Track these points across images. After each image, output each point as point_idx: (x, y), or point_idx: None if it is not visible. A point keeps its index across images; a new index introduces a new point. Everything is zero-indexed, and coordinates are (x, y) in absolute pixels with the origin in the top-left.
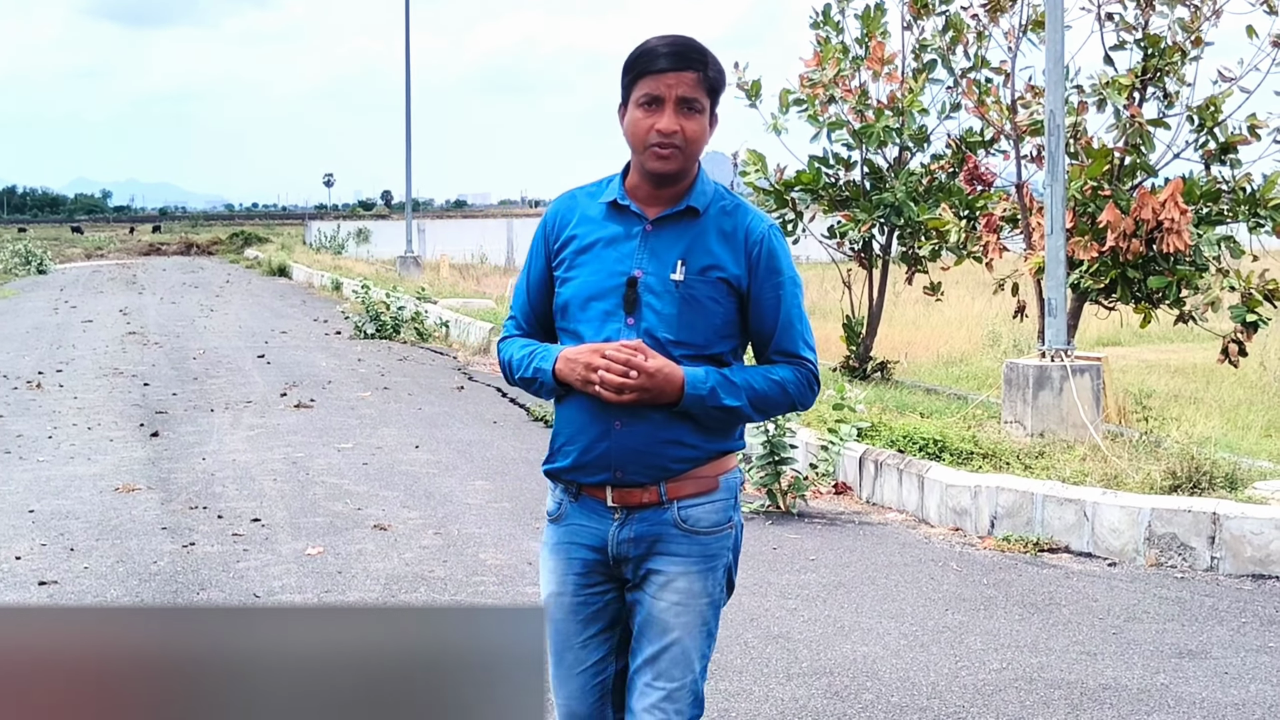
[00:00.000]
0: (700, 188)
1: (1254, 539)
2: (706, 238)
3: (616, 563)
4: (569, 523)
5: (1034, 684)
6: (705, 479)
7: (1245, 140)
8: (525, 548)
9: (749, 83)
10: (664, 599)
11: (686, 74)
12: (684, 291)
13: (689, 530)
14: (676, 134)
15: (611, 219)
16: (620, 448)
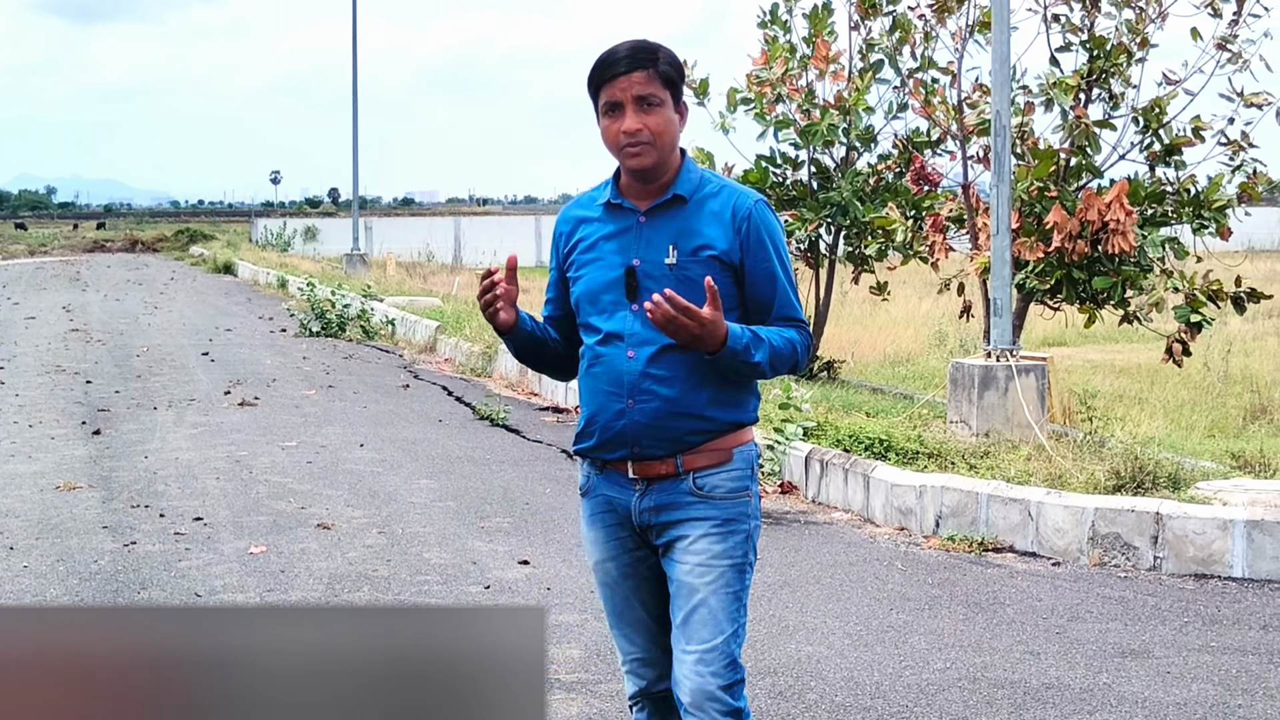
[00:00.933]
0: (685, 176)
1: (1196, 539)
2: (695, 220)
3: (641, 530)
4: (597, 494)
5: (977, 683)
6: (720, 451)
7: (1189, 142)
8: (469, 546)
9: (697, 81)
10: (687, 561)
11: (636, 74)
12: (678, 273)
13: (705, 496)
14: (641, 131)
15: (609, 218)
16: (635, 425)
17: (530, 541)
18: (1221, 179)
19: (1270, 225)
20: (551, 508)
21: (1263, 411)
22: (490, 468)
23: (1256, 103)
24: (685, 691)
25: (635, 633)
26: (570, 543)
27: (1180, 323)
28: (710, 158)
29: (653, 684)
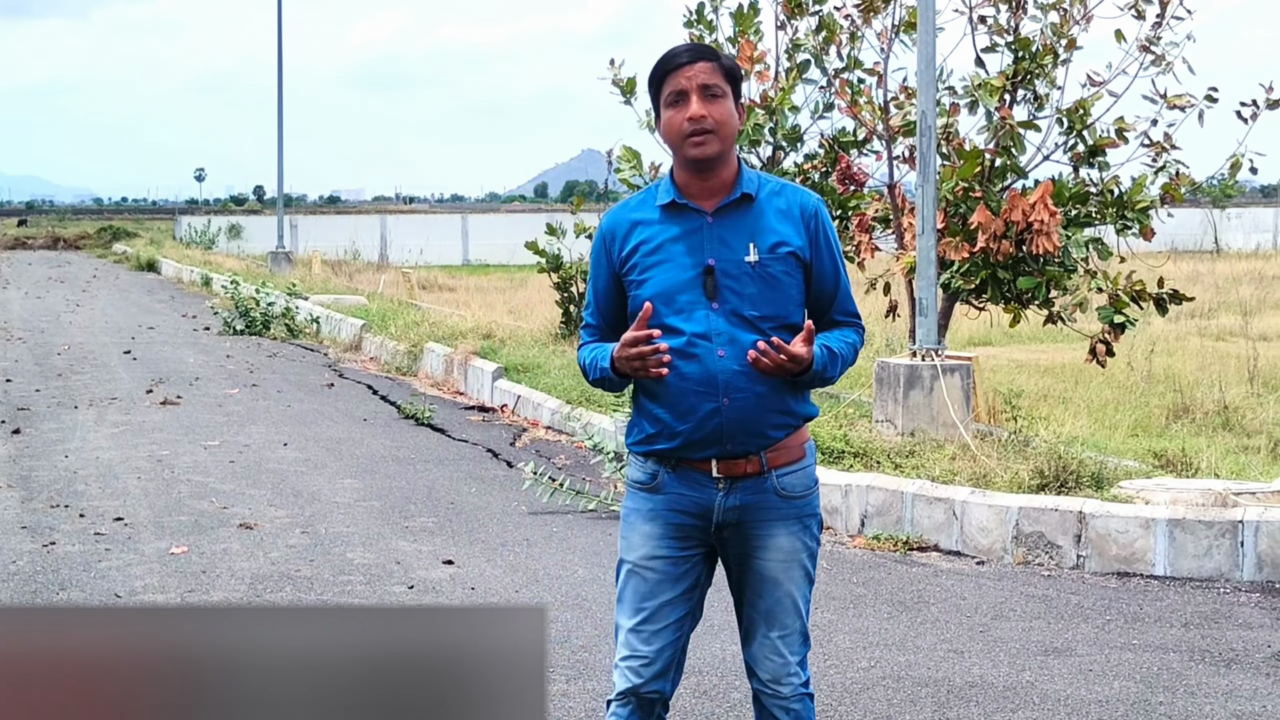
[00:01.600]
0: (746, 175)
1: (1119, 537)
2: (767, 218)
3: (718, 528)
4: (668, 491)
5: (901, 682)
6: (794, 448)
7: (1113, 143)
8: (393, 546)
9: (624, 80)
10: (770, 559)
11: (701, 64)
12: (760, 270)
13: (786, 496)
14: (706, 118)
15: (671, 219)
16: (730, 422)
17: (455, 541)
18: (1144, 180)
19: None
20: (476, 507)
21: (1185, 411)
22: (415, 467)
23: (1179, 104)
24: (767, 670)
25: (658, 635)
26: (494, 542)
27: (1104, 323)
28: (638, 156)
29: (646, 684)
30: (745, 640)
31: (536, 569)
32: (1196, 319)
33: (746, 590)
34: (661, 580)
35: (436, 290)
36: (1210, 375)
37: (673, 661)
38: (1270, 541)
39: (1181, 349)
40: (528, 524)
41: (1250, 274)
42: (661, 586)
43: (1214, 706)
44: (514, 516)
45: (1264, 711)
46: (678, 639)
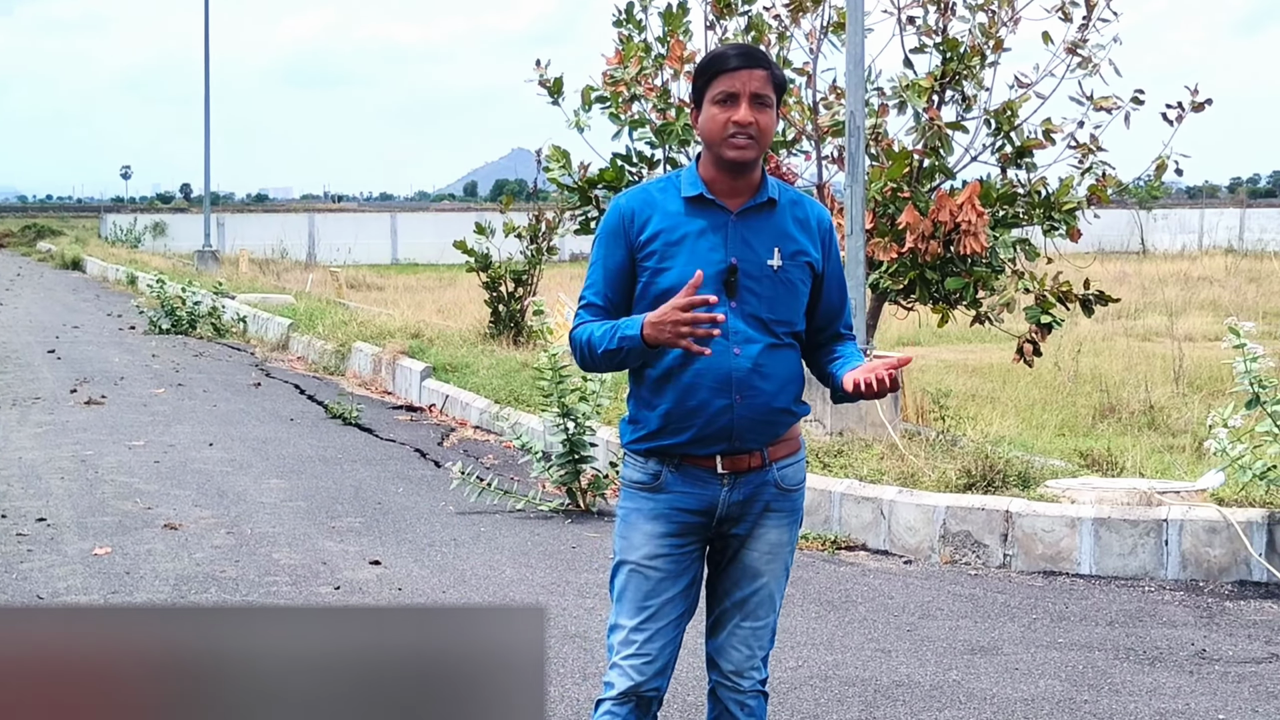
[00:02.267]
0: (770, 181)
1: (1045, 536)
2: (787, 225)
3: (721, 522)
4: (671, 490)
5: (829, 681)
6: (792, 440)
7: (1040, 144)
8: (320, 547)
9: (551, 79)
10: (758, 550)
11: (757, 71)
12: (781, 275)
13: (784, 489)
14: (752, 125)
15: (695, 212)
16: (741, 419)
17: (382, 541)
18: (1071, 181)
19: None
20: (404, 507)
21: (1111, 411)
22: (342, 467)
23: (1106, 106)
24: (731, 661)
25: (661, 633)
26: (422, 542)
27: (1031, 323)
28: (566, 156)
29: (648, 681)
30: (713, 630)
31: (464, 569)
32: (1123, 320)
33: (725, 580)
34: (664, 579)
35: (365, 289)
36: (1136, 375)
37: (671, 660)
38: (1194, 540)
39: (1108, 349)
40: (455, 524)
41: (1176, 275)
42: (664, 585)
43: (1138, 704)
44: (441, 516)
45: (1187, 709)
46: (677, 636)
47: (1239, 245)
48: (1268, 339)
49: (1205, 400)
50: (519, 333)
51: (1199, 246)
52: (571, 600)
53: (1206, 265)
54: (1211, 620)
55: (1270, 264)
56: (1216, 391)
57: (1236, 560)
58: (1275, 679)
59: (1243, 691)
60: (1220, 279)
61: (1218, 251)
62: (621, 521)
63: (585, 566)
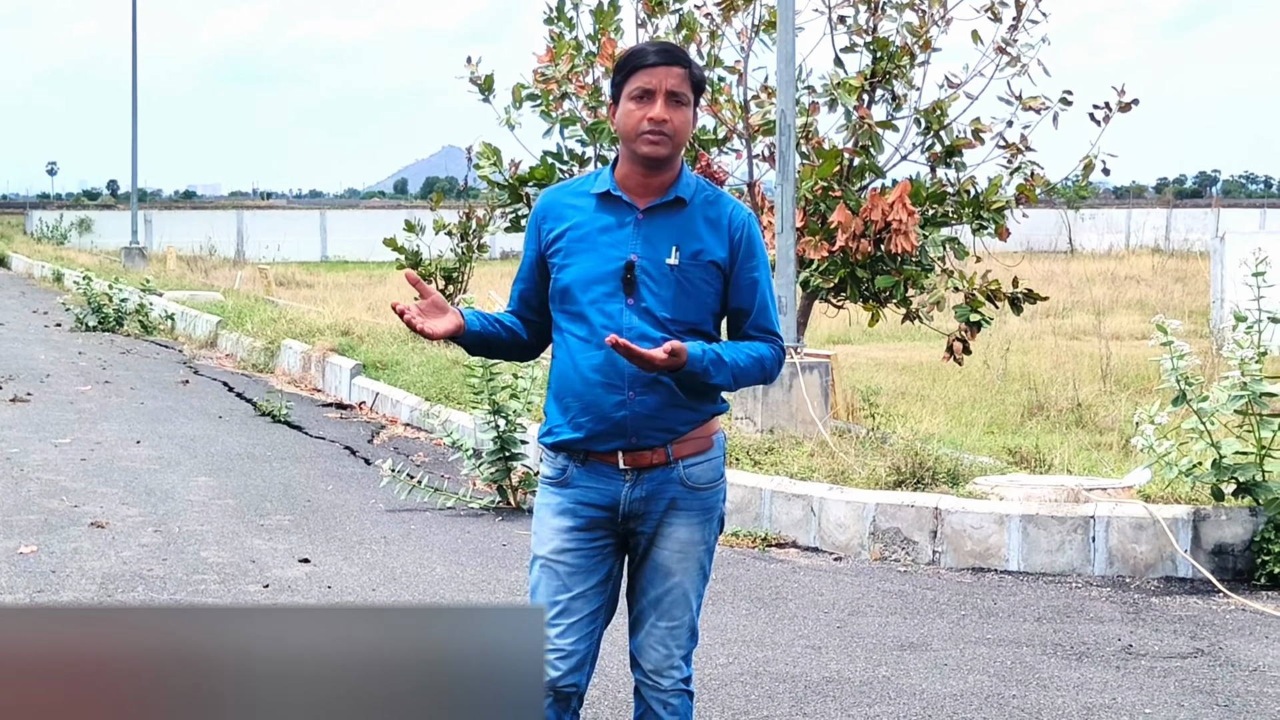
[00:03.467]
0: (684, 179)
1: (974, 533)
2: (695, 225)
3: (625, 519)
4: (576, 485)
5: (760, 678)
6: (702, 439)
7: (970, 144)
8: (248, 545)
9: (482, 77)
10: (667, 548)
11: (675, 69)
12: (678, 275)
13: (692, 487)
14: (666, 123)
15: (604, 209)
16: (635, 415)
17: (311, 539)
18: (1000, 181)
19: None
20: (333, 505)
21: (1040, 408)
22: (271, 465)
23: (1034, 106)
24: (650, 660)
25: (574, 628)
26: (352, 540)
27: (960, 322)
28: (497, 153)
29: (564, 677)
30: (633, 629)
31: (394, 567)
32: (1051, 318)
33: (640, 579)
34: (574, 573)
35: (294, 287)
36: (1064, 374)
37: (588, 656)
38: (1121, 537)
39: (1036, 348)
40: (385, 521)
41: (1103, 274)
42: (574, 580)
43: (1066, 699)
44: (371, 514)
45: (1114, 704)
46: (593, 632)
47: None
48: (1194, 337)
49: (1132, 398)
50: None
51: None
52: (502, 598)
53: (1133, 265)
54: (1138, 616)
55: (1196, 263)
56: (1143, 390)
57: (1162, 556)
58: (1200, 674)
59: (1168, 686)
60: (1147, 278)
61: (1144, 251)
62: (535, 517)
63: (516, 564)
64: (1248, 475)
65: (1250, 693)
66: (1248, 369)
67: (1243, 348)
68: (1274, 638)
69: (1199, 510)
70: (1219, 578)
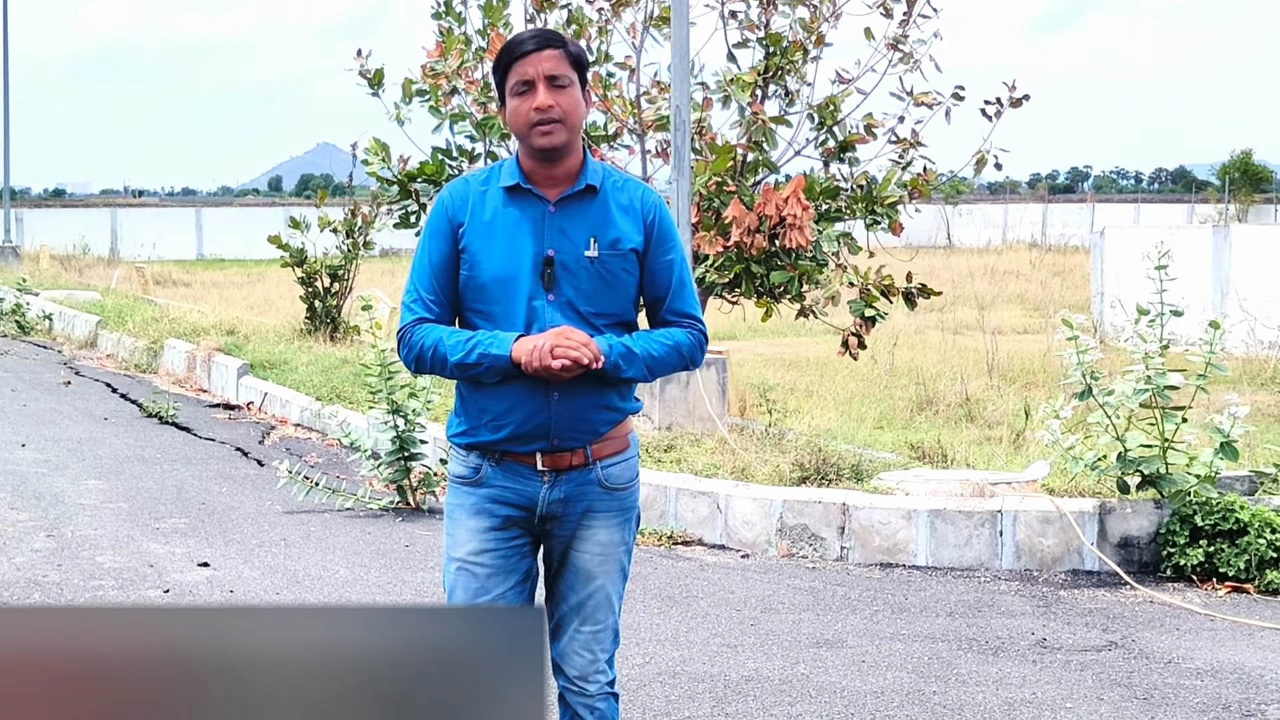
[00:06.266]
0: (590, 166)
1: (881, 528)
2: (609, 212)
3: (543, 520)
4: (491, 485)
5: (678, 678)
6: (619, 439)
7: (863, 139)
8: (145, 549)
9: (371, 71)
10: (587, 551)
11: (548, 52)
12: (599, 266)
13: (610, 488)
14: (553, 108)
15: (512, 203)
16: (558, 415)
17: (209, 542)
18: (893, 175)
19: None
20: (229, 507)
21: (929, 403)
22: (162, 467)
23: (926, 102)
24: (575, 666)
25: None
26: (250, 543)
27: (855, 316)
28: (386, 149)
29: None
30: (554, 635)
31: (296, 570)
32: (935, 313)
33: (560, 584)
34: (492, 575)
35: (172, 285)
36: (951, 368)
37: None
38: (1028, 531)
39: (921, 343)
40: (284, 524)
41: (983, 269)
42: (493, 581)
43: (985, 695)
44: (269, 516)
45: (1033, 698)
46: None
47: (1042, 240)
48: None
49: (1019, 392)
50: (335, 329)
51: (1003, 241)
52: (409, 600)
53: (1011, 259)
54: (1048, 609)
55: (1074, 258)
56: (1029, 384)
57: (1069, 550)
58: (1116, 667)
59: (1086, 680)
60: (1026, 273)
61: (1021, 246)
62: (448, 518)
63: (420, 565)
64: (1152, 468)
65: (1168, 685)
66: (1151, 362)
67: (1146, 341)
68: (1184, 629)
69: (1104, 504)
70: (1125, 570)
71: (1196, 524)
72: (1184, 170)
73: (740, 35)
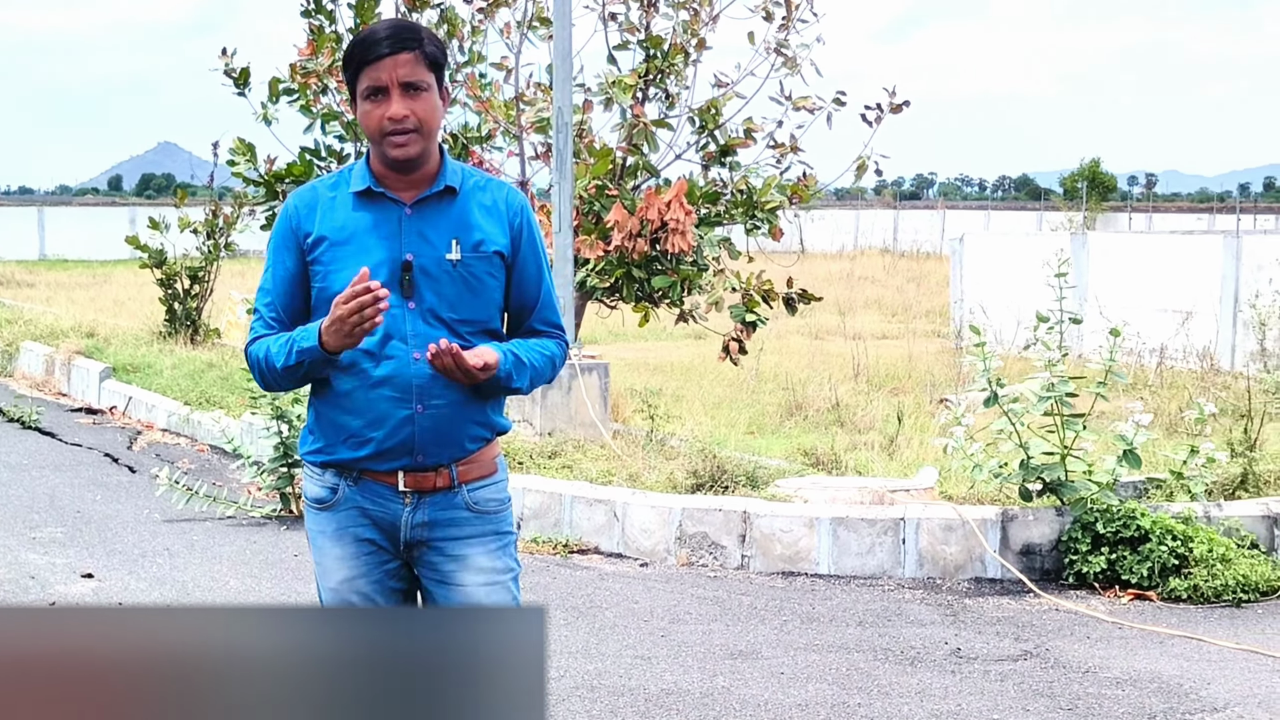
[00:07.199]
0: (449, 167)
1: (783, 536)
2: (470, 214)
3: (409, 547)
4: (349, 507)
5: (596, 691)
6: (486, 462)
7: (744, 144)
8: (24, 560)
9: (236, 70)
10: (471, 580)
11: (402, 55)
12: (462, 270)
13: (479, 511)
14: (408, 118)
15: (364, 207)
16: (423, 430)
17: (90, 553)
18: (773, 181)
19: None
20: (106, 515)
21: (798, 408)
22: (30, 474)
23: (806, 106)
24: None
25: None
26: (133, 553)
27: (736, 321)
28: (252, 149)
29: None
30: None
31: (185, 580)
32: (796, 318)
33: None
34: (368, 601)
35: (15, 286)
36: (818, 373)
37: None
38: (930, 539)
39: (785, 348)
40: (165, 532)
41: (839, 274)
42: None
43: (911, 707)
44: (148, 524)
45: (959, 710)
46: None
47: (893, 246)
48: (934, 337)
49: (886, 398)
50: (196, 331)
51: (855, 246)
52: None
53: (865, 265)
54: (956, 618)
55: (927, 264)
56: (895, 389)
57: (971, 558)
58: (1034, 676)
59: (1008, 690)
60: (880, 278)
61: (873, 251)
62: (313, 545)
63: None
64: (1053, 475)
65: (1090, 695)
66: (1054, 370)
67: (1050, 349)
68: (1095, 637)
69: (1006, 511)
70: (1029, 577)
71: (1098, 531)
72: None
73: (620, 37)
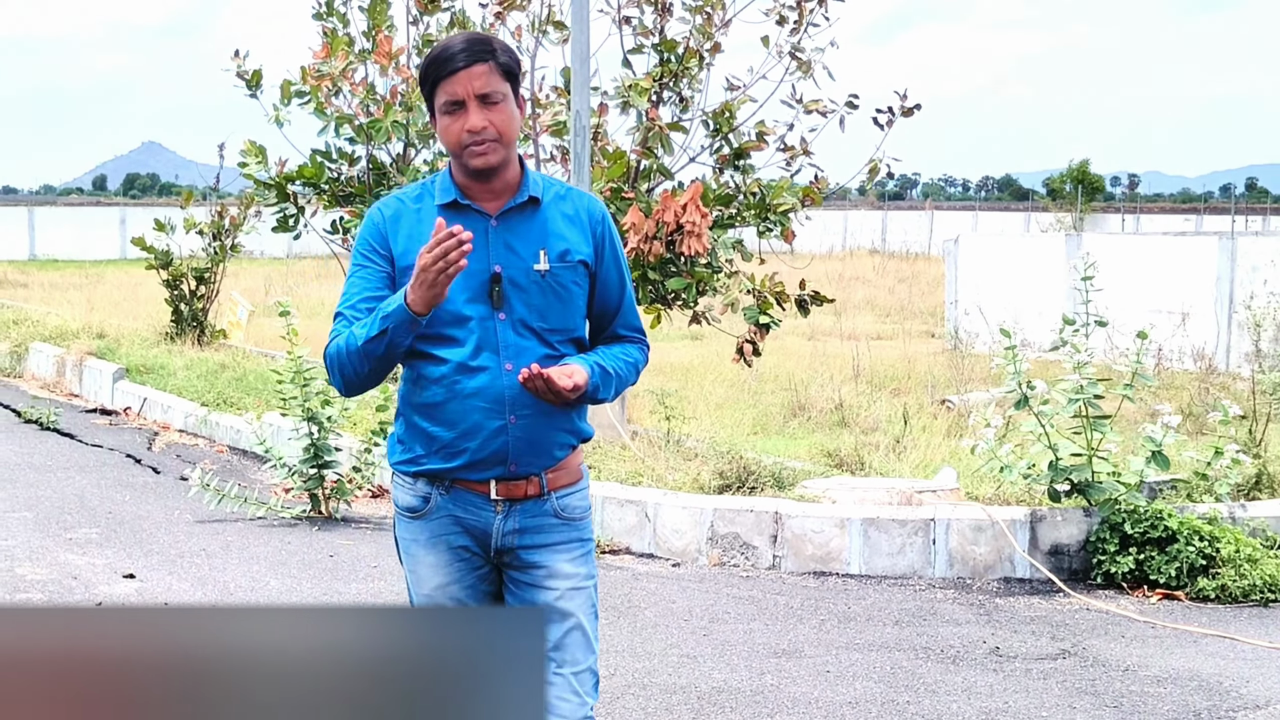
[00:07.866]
0: (531, 177)
1: (815, 537)
2: (555, 224)
3: (499, 554)
4: (442, 515)
5: (649, 690)
6: (573, 469)
7: (757, 146)
8: (64, 560)
9: (249, 72)
10: (557, 587)
11: (477, 68)
12: (550, 280)
13: (566, 519)
14: (487, 129)
15: (451, 220)
16: (516, 441)
17: (128, 554)
18: (786, 184)
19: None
20: (138, 516)
21: (801, 409)
22: (56, 475)
23: (818, 109)
24: (559, 713)
25: None
26: (170, 554)
27: (750, 323)
28: (263, 151)
29: None
30: None
31: (226, 581)
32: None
33: None
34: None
35: (8, 287)
36: (820, 374)
37: None
38: (960, 539)
39: (783, 348)
40: (199, 533)
41: (831, 275)
42: None
43: (960, 704)
44: (181, 525)
45: (1008, 707)
46: None
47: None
48: (928, 338)
49: (888, 398)
50: (202, 332)
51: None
52: None
53: (855, 266)
54: (990, 618)
55: (918, 265)
56: (896, 389)
57: (1001, 557)
58: (1077, 675)
59: (1052, 688)
60: (871, 279)
61: (863, 252)
62: (405, 554)
63: (349, 576)
64: (1081, 476)
65: (1133, 693)
66: (1083, 371)
67: (1080, 351)
68: (1130, 636)
69: (1035, 511)
70: (1058, 578)
71: (1126, 531)
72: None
73: (635, 41)
